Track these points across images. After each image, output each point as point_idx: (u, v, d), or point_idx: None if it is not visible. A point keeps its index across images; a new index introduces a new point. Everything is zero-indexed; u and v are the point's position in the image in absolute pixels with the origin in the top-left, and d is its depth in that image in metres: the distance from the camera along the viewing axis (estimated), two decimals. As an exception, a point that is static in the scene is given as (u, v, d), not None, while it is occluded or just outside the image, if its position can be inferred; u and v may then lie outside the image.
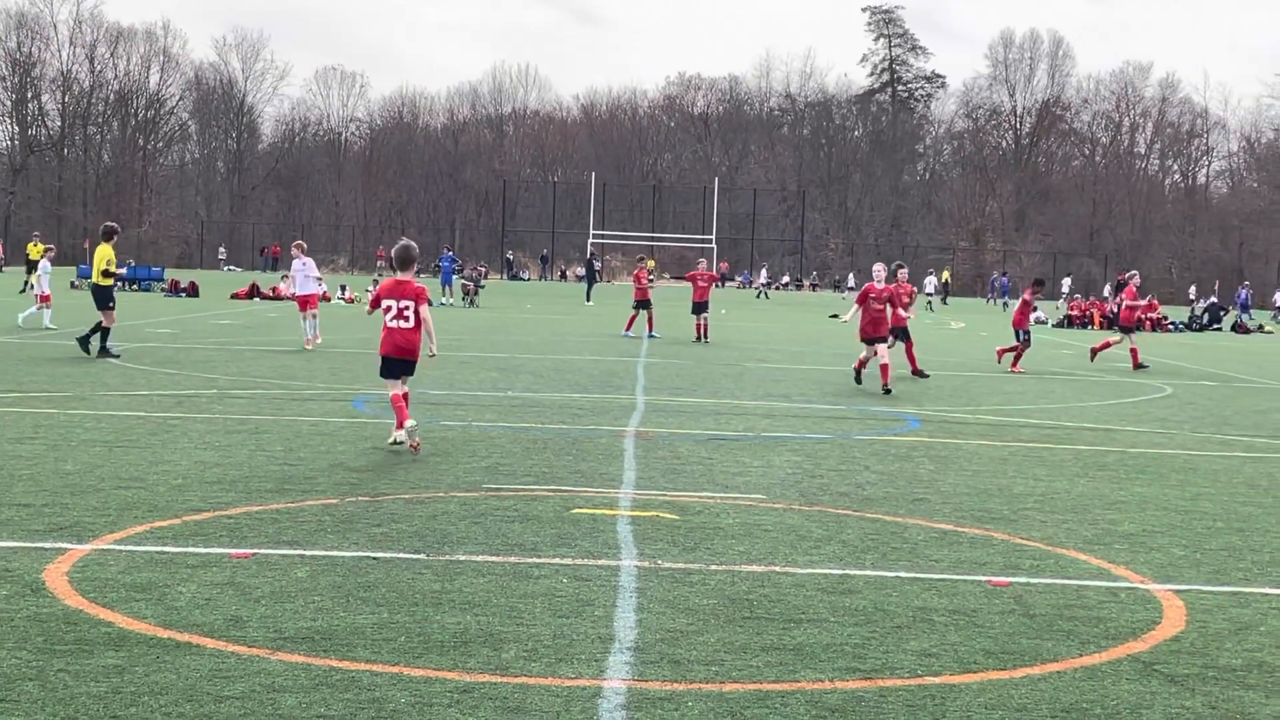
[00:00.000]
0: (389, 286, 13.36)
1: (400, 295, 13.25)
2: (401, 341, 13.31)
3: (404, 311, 13.23)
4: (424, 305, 13.27)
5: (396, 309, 13.24)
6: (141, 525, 9.35)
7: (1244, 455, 15.63)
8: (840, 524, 10.36)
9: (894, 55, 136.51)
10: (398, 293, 13.28)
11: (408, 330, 13.28)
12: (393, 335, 13.31)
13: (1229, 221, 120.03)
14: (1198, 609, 8.09)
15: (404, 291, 13.27)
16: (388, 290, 13.32)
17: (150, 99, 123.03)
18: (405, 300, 13.22)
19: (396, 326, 13.29)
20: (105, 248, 24.12)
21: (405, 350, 13.34)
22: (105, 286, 23.85)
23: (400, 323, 13.26)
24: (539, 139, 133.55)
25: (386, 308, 13.26)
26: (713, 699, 6.05)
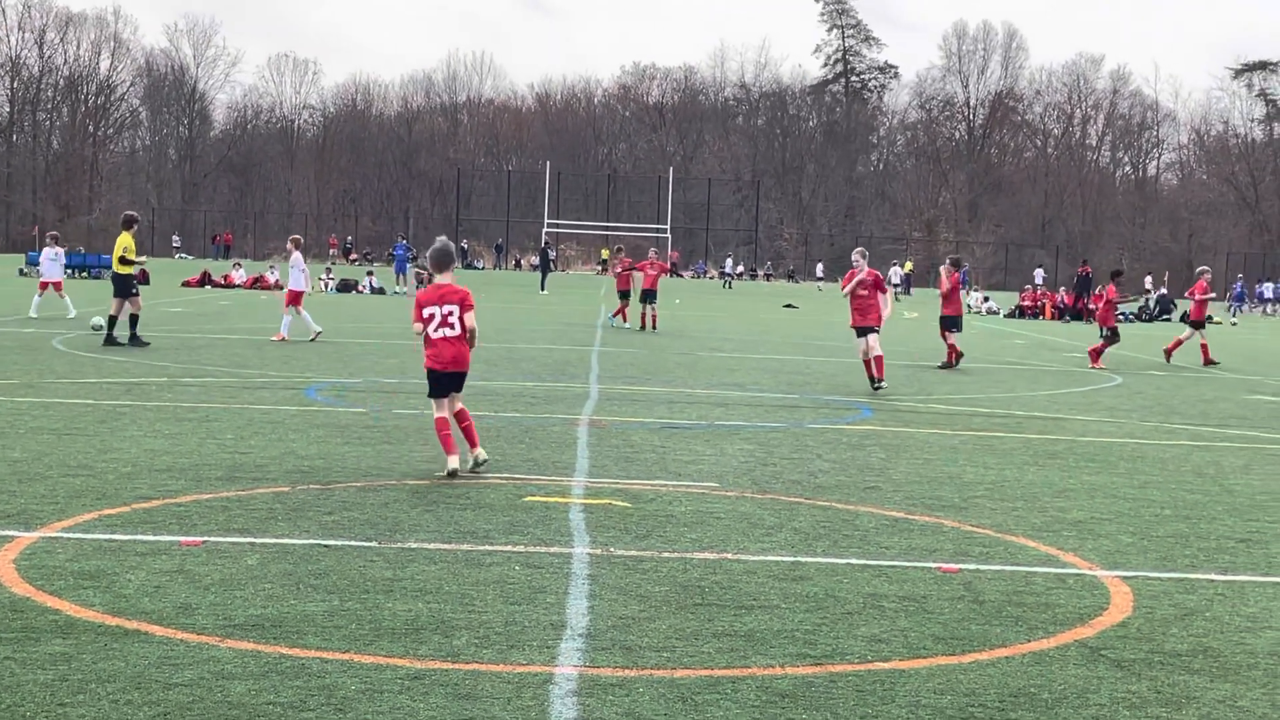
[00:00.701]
0: (429, 294, 11.69)
1: (443, 301, 11.63)
2: (449, 354, 11.65)
3: (449, 319, 11.61)
4: (470, 312, 11.68)
5: (440, 317, 11.59)
6: (90, 513, 9.29)
7: (1191, 444, 15.78)
8: (792, 512, 10.40)
9: (847, 46, 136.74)
10: (439, 298, 11.64)
11: (455, 340, 11.64)
12: (439, 348, 11.63)
13: (1179, 213, 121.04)
14: (1144, 595, 8.18)
15: (446, 296, 11.63)
16: (428, 298, 11.67)
17: (101, 85, 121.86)
18: (449, 306, 11.61)
19: (442, 337, 11.61)
20: (125, 236, 24.40)
21: (455, 363, 11.72)
22: (125, 275, 24.17)
23: (446, 331, 11.60)
24: (493, 127, 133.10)
25: (428, 317, 11.63)
26: (664, 685, 6.06)
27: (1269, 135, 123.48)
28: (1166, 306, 63.51)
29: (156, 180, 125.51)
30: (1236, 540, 10.03)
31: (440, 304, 11.62)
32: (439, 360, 11.65)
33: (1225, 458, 14.67)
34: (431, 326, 11.62)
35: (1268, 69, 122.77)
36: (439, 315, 11.60)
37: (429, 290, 11.76)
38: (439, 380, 11.74)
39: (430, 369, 11.73)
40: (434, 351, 11.67)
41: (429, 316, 11.63)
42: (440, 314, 11.60)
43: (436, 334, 11.62)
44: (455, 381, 11.79)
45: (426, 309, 11.65)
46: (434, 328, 11.61)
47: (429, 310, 11.64)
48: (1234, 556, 9.44)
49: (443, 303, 11.62)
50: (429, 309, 11.64)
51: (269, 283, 57.46)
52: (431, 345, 11.66)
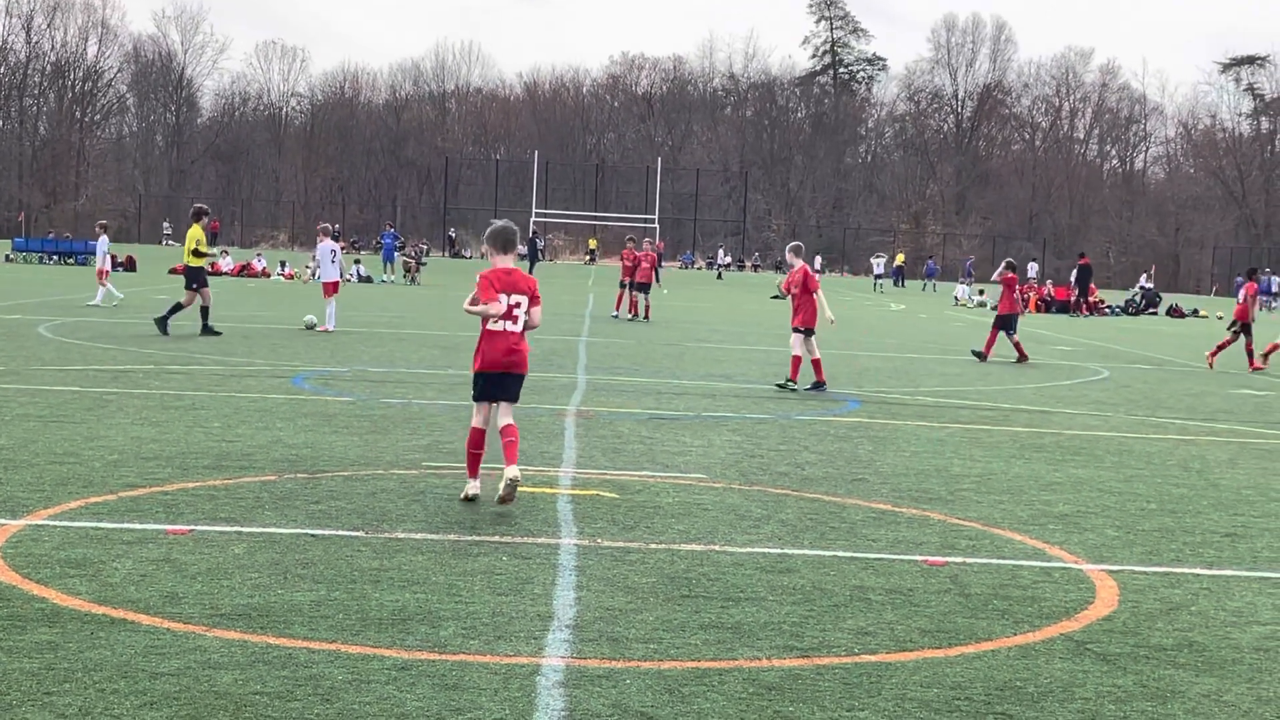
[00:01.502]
0: (499, 277, 9.92)
1: (512, 289, 9.91)
2: (508, 351, 9.89)
3: (514, 311, 9.90)
4: (539, 306, 10.10)
5: (505, 307, 9.89)
6: (76, 501, 9.26)
7: (1177, 438, 15.82)
8: (779, 504, 10.41)
9: (835, 37, 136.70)
10: (509, 285, 9.92)
11: (517, 336, 9.94)
12: (496, 343, 9.89)
13: (1165, 207, 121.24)
14: (1130, 589, 8.20)
15: (516, 285, 9.94)
16: (500, 282, 9.91)
17: (88, 71, 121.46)
18: (518, 296, 9.90)
19: (502, 330, 9.90)
20: (196, 228, 24.85)
21: (512, 363, 9.93)
22: (196, 267, 24.64)
23: (508, 325, 9.89)
24: (482, 116, 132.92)
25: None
26: (651, 676, 6.07)
27: (1256, 130, 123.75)
28: (1153, 300, 63.65)
29: (143, 167, 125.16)
30: (1222, 534, 10.06)
31: (509, 291, 9.90)
32: (494, 356, 9.90)
33: (1211, 452, 14.71)
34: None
35: (1255, 63, 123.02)
36: (505, 304, 9.89)
37: (498, 274, 9.93)
38: (489, 382, 9.98)
39: (483, 370, 9.96)
40: (489, 346, 9.92)
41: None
42: (507, 303, 9.89)
43: (496, 326, 9.90)
44: (509, 387, 10.03)
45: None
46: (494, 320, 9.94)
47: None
48: (1219, 551, 9.47)
49: (512, 290, 9.90)
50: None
51: (256, 270, 57.34)
52: (488, 339, 9.92)
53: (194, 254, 24.66)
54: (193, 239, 24.69)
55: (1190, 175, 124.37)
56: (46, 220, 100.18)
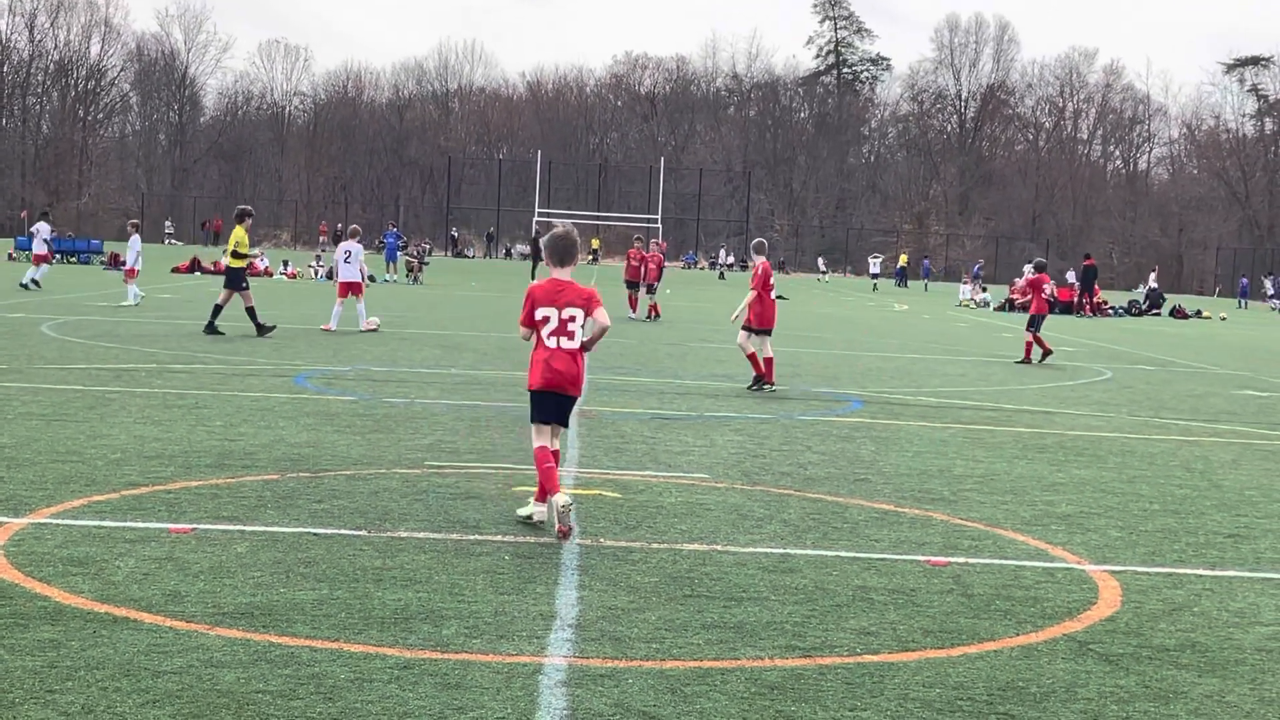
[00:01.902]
0: (546, 290, 9.32)
1: (563, 302, 9.27)
2: (562, 369, 9.23)
3: (568, 326, 9.24)
4: (599, 309, 9.34)
5: (558, 321, 9.24)
6: (79, 499, 9.27)
7: (1180, 439, 15.81)
8: (782, 503, 10.40)
9: (840, 37, 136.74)
10: (559, 298, 9.27)
11: (573, 354, 9.26)
12: (550, 360, 9.24)
13: (1169, 208, 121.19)
14: (1133, 589, 8.19)
15: (568, 297, 9.30)
16: (545, 295, 9.31)
17: (91, 69, 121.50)
18: (571, 309, 9.25)
19: (556, 347, 9.24)
20: (239, 229, 24.83)
21: (567, 381, 9.26)
22: (237, 268, 24.58)
23: (563, 341, 9.23)
24: (485, 116, 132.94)
25: (542, 319, 9.28)
26: (653, 676, 6.06)
27: (1260, 130, 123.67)
28: (1157, 301, 63.61)
29: (146, 166, 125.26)
30: (1225, 535, 10.05)
31: (559, 306, 9.24)
32: (549, 376, 9.24)
33: (1214, 453, 14.69)
34: (545, 332, 9.27)
35: (1260, 64, 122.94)
36: (556, 320, 9.24)
37: (545, 286, 9.35)
38: (545, 402, 9.32)
39: (537, 389, 9.33)
40: (543, 364, 9.27)
41: (542, 319, 9.28)
42: (559, 318, 9.23)
43: (551, 343, 9.23)
44: (564, 408, 9.39)
45: (541, 309, 9.30)
46: (548, 333, 9.26)
47: (543, 311, 9.29)
48: (1222, 552, 9.46)
49: (562, 304, 9.23)
50: (544, 310, 9.28)
51: (258, 269, 57.37)
52: (540, 354, 9.30)
53: (234, 254, 24.72)
54: (234, 239, 24.78)
55: (1194, 176, 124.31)
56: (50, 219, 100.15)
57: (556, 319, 9.25)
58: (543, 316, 9.27)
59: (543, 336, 9.29)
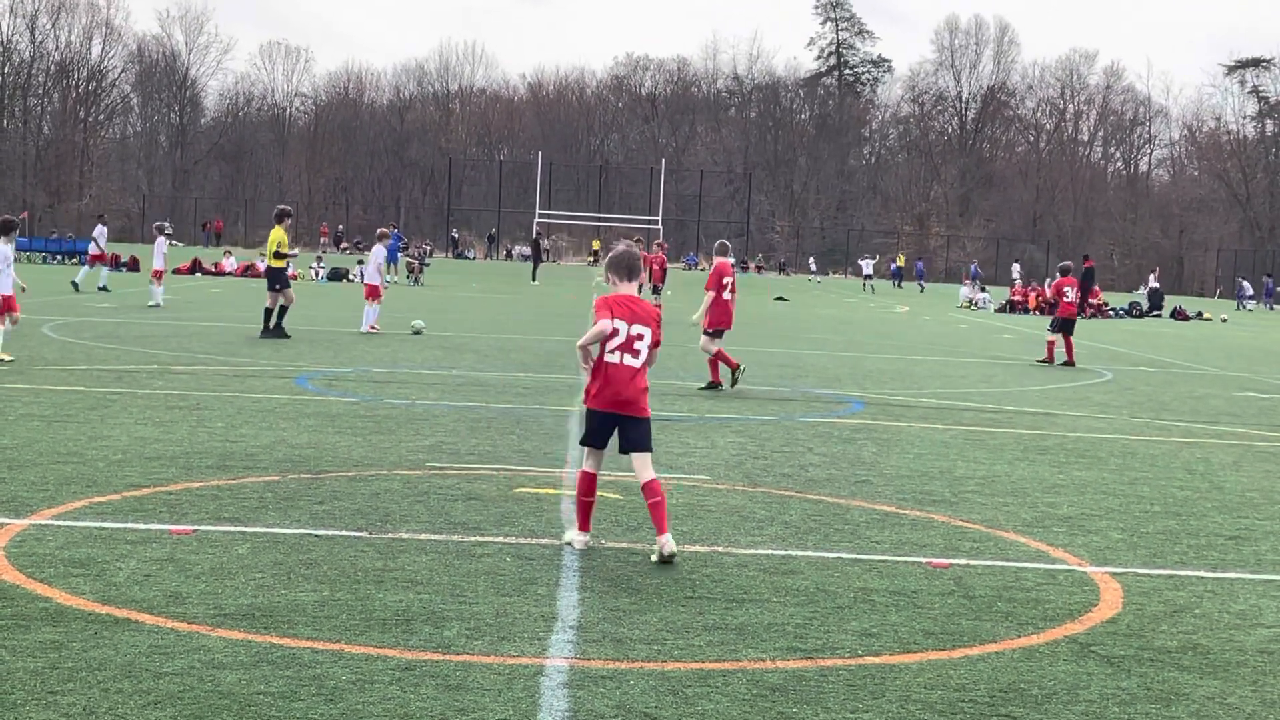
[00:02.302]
0: (619, 304, 8.80)
1: (634, 318, 8.76)
2: (625, 387, 8.62)
3: (635, 343, 8.70)
4: (659, 346, 9.13)
5: (626, 337, 8.69)
6: (80, 500, 9.27)
7: (1181, 440, 15.81)
8: (783, 505, 10.40)
9: (841, 39, 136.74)
10: (629, 314, 8.77)
11: (637, 372, 8.70)
12: (613, 378, 8.64)
13: (1170, 209, 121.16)
14: (1134, 591, 8.19)
15: (641, 315, 8.80)
16: (618, 307, 8.79)
17: (92, 71, 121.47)
18: (640, 326, 8.75)
19: (619, 364, 8.66)
20: (278, 230, 25.04)
21: (627, 402, 8.63)
22: (277, 268, 24.75)
23: (627, 358, 8.68)
24: (485, 117, 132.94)
25: (611, 333, 8.74)
26: (654, 678, 6.06)
27: (1261, 132, 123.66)
28: (1158, 302, 63.62)
29: (147, 167, 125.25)
30: (1226, 537, 10.05)
31: (630, 321, 8.74)
32: (610, 393, 8.62)
33: (1215, 454, 14.69)
34: (609, 346, 8.72)
35: (1260, 66, 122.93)
36: (625, 335, 8.72)
37: (618, 300, 8.83)
38: (601, 424, 8.67)
39: (595, 409, 8.68)
40: (604, 380, 8.67)
41: (612, 332, 8.73)
42: (627, 334, 8.71)
43: (612, 358, 8.69)
44: (628, 431, 8.65)
45: (614, 322, 8.73)
46: (611, 348, 8.72)
47: (614, 325, 8.75)
48: (1224, 553, 9.46)
49: (634, 320, 8.75)
50: (615, 323, 8.73)
51: (260, 270, 57.39)
52: (604, 372, 8.69)
53: (275, 255, 24.86)
54: (274, 241, 24.92)
55: (1194, 178, 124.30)
56: (50, 220, 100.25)
57: (625, 334, 8.71)
58: (612, 330, 8.73)
59: (606, 350, 8.68)
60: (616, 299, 8.88)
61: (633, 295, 8.93)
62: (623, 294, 8.93)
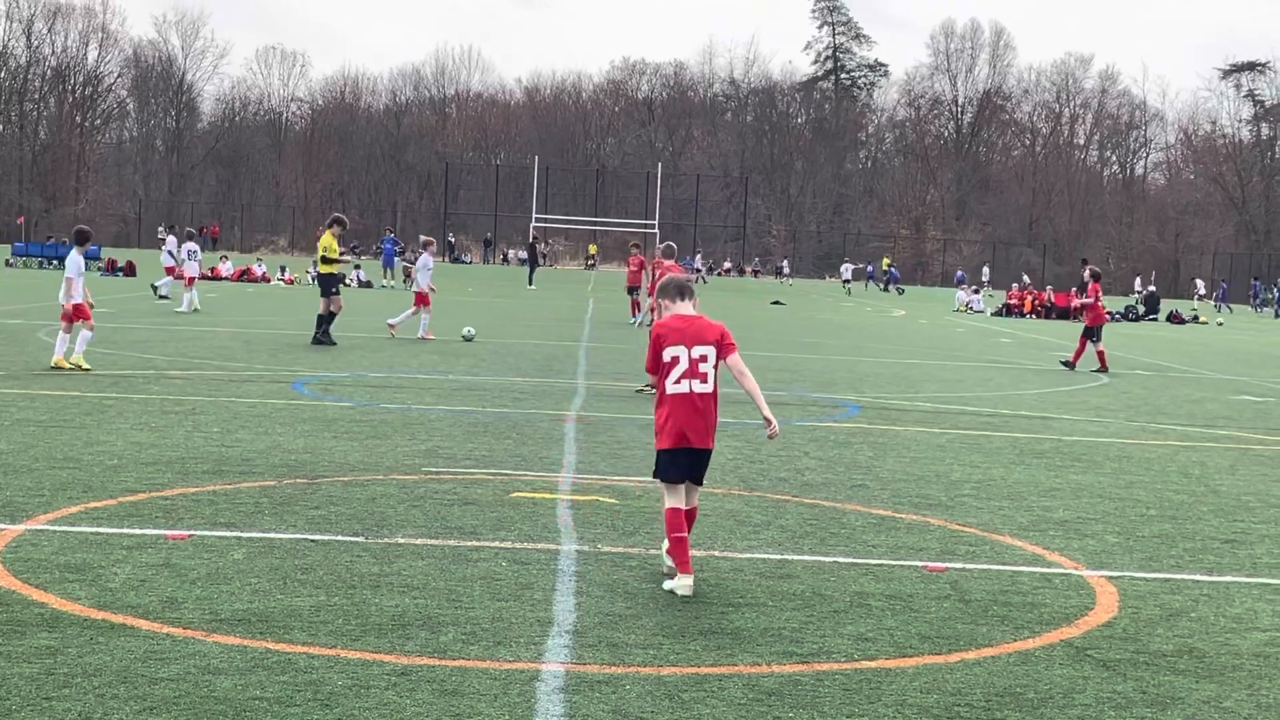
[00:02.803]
0: (674, 326, 8.06)
1: (693, 339, 7.97)
2: (695, 418, 7.89)
3: (699, 366, 7.92)
4: (736, 354, 8.05)
5: (688, 362, 7.91)
6: (76, 506, 9.26)
7: (1177, 444, 15.81)
8: (779, 509, 10.40)
9: (837, 43, 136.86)
10: (689, 335, 7.99)
11: (706, 398, 7.93)
12: (681, 407, 7.88)
13: (1165, 213, 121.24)
14: (1130, 595, 8.19)
15: (698, 333, 8.01)
16: (673, 332, 8.02)
17: (88, 76, 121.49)
18: (702, 347, 7.96)
19: (687, 392, 7.89)
20: (328, 236, 25.10)
21: (700, 432, 7.91)
22: (328, 274, 24.75)
23: (694, 385, 7.88)
24: (482, 122, 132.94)
25: (671, 360, 7.94)
26: (650, 682, 6.06)
27: (1256, 136, 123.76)
28: (1154, 305, 63.66)
29: (143, 172, 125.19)
30: (1222, 541, 10.06)
31: (689, 343, 7.96)
32: (680, 428, 7.87)
33: (1211, 458, 14.70)
34: (672, 376, 7.91)
35: (1256, 69, 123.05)
36: (686, 360, 7.92)
37: (671, 322, 8.10)
38: (678, 460, 7.92)
39: (666, 449, 7.92)
40: (672, 413, 7.89)
41: (671, 360, 7.93)
42: (688, 358, 7.92)
43: (680, 387, 7.88)
44: (698, 462, 7.98)
45: (669, 349, 7.96)
46: (675, 377, 7.90)
47: (672, 351, 7.95)
48: (1219, 557, 9.46)
49: (693, 342, 7.96)
50: (672, 349, 7.95)
51: (256, 275, 57.37)
52: (670, 404, 7.92)
53: (324, 260, 24.93)
54: (323, 246, 25.02)
55: (1190, 181, 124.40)
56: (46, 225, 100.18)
57: (687, 359, 7.91)
58: (671, 357, 7.92)
59: (669, 381, 7.92)
60: (668, 324, 8.09)
61: (690, 314, 8.13)
62: (678, 316, 8.12)
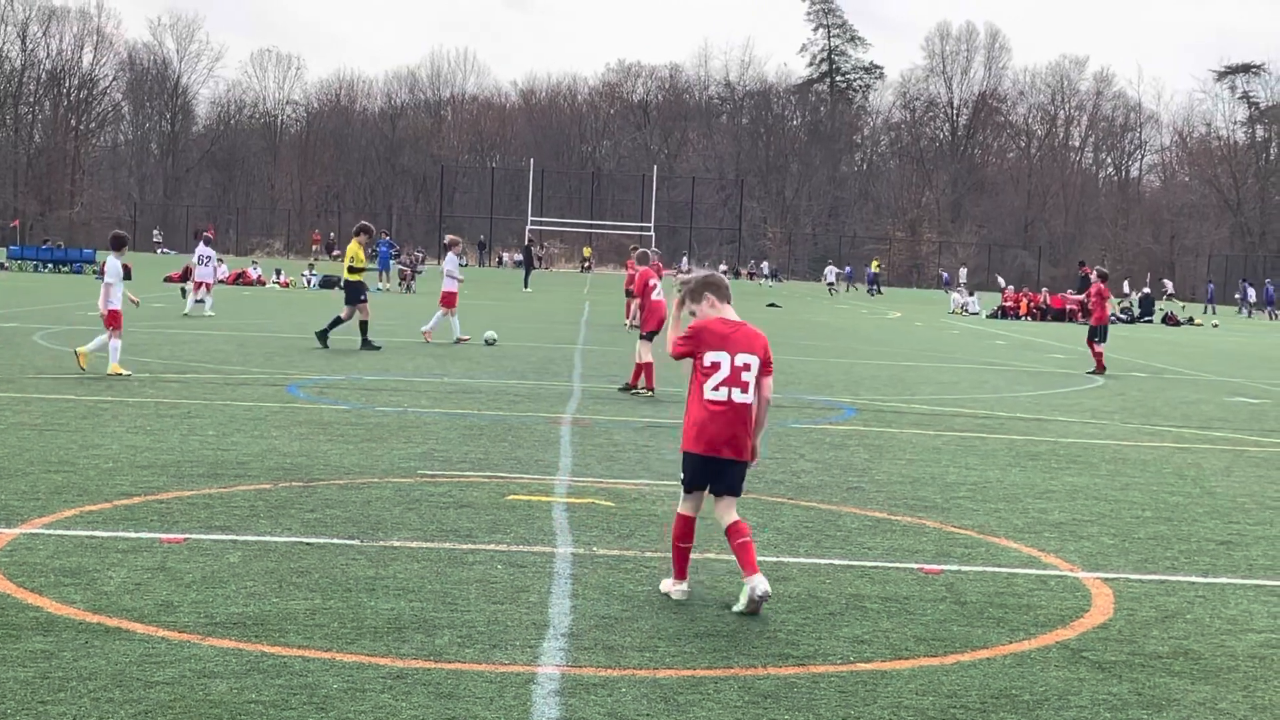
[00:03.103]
0: (718, 330, 7.66)
1: (737, 346, 7.62)
2: (729, 428, 7.55)
3: (742, 375, 7.56)
4: (770, 375, 7.76)
5: (730, 370, 7.56)
6: (71, 509, 9.25)
7: (1173, 446, 15.83)
8: (775, 511, 10.40)
9: (833, 45, 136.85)
10: (731, 342, 7.63)
11: (742, 409, 7.58)
12: (716, 417, 7.54)
13: (1161, 215, 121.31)
14: (1125, 597, 8.20)
15: (742, 341, 7.65)
16: (717, 336, 7.63)
17: (83, 79, 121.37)
18: (746, 356, 7.61)
19: (725, 400, 7.54)
20: (354, 243, 25.20)
21: (732, 443, 7.56)
22: (354, 282, 24.76)
23: (735, 394, 7.53)
24: (477, 124, 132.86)
25: (711, 366, 7.57)
26: (646, 685, 6.06)
27: (1251, 138, 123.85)
28: (1149, 308, 63.71)
29: (139, 175, 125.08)
30: (1217, 542, 10.06)
31: (733, 350, 7.60)
32: (711, 434, 7.54)
33: (1207, 460, 14.71)
34: (712, 382, 7.56)
35: (1251, 71, 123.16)
36: (728, 367, 7.56)
37: (716, 325, 7.68)
38: (703, 468, 7.62)
39: (693, 452, 7.61)
40: (705, 419, 7.56)
41: (712, 366, 7.58)
42: (730, 365, 7.56)
43: (718, 395, 7.53)
44: (728, 475, 7.62)
45: (710, 353, 7.59)
46: (715, 384, 7.55)
47: (713, 356, 7.58)
48: (1215, 559, 9.47)
49: (737, 349, 7.60)
50: (713, 354, 7.59)
51: (251, 278, 57.35)
52: (705, 409, 7.56)
53: (350, 269, 24.93)
54: (350, 254, 25.07)
55: (1185, 183, 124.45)
56: (42, 228, 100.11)
57: (729, 366, 7.54)
58: (712, 363, 7.56)
59: (707, 386, 7.55)
60: (715, 326, 7.64)
61: (734, 319, 7.73)
62: (723, 320, 7.70)
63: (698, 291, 7.87)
